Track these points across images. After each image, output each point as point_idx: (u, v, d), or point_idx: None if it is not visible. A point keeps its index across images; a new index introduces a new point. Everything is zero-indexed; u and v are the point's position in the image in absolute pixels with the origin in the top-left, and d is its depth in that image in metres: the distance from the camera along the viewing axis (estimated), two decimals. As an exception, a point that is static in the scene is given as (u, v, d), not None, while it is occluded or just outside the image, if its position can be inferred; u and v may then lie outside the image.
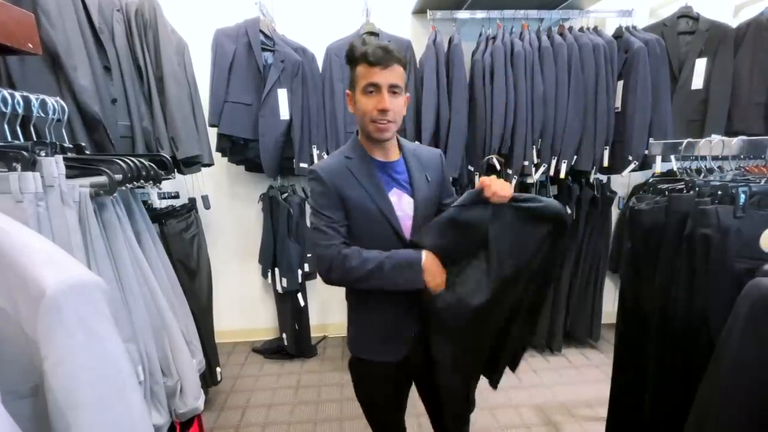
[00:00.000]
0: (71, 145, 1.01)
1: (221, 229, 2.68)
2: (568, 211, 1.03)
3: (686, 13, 2.37)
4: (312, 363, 2.57)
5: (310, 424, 1.99)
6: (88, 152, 1.07)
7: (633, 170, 2.26)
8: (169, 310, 1.04)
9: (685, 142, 1.18)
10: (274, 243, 2.43)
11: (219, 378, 2.08)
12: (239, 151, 2.30)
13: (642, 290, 1.16)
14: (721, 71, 2.29)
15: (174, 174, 1.24)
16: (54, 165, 0.74)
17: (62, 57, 1.36)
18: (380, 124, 0.97)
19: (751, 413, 0.71)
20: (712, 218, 0.94)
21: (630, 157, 2.21)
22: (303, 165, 2.28)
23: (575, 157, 2.25)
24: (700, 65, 2.32)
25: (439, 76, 2.18)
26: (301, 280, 2.44)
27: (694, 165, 1.24)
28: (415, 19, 2.54)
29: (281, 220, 2.37)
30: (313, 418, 2.03)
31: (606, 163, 2.28)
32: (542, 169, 2.24)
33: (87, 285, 0.49)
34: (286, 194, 2.41)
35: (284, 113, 2.21)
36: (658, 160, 1.35)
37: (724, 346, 0.76)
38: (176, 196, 1.74)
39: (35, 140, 0.86)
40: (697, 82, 2.33)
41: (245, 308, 2.82)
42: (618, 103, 2.27)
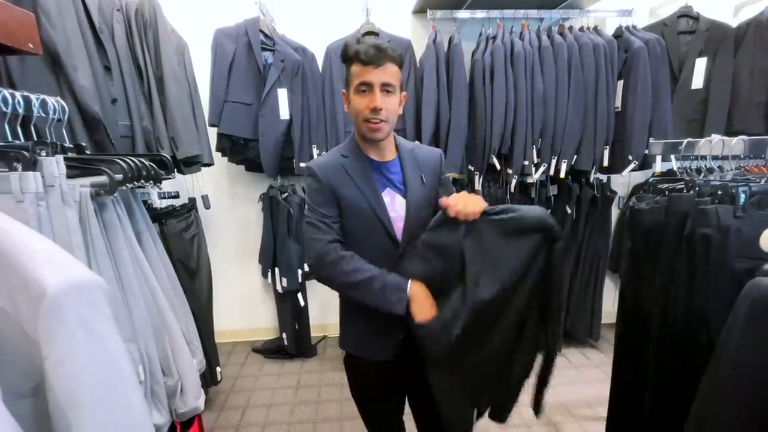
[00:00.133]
0: (71, 145, 1.01)
1: (221, 228, 2.68)
2: (550, 215, 0.95)
3: (686, 13, 2.37)
4: (312, 363, 2.57)
5: (310, 424, 1.99)
6: (88, 152, 1.08)
7: (633, 170, 2.26)
8: (170, 309, 1.04)
9: (685, 141, 1.18)
10: (274, 243, 2.43)
11: (219, 378, 2.09)
12: (239, 150, 2.30)
13: (642, 290, 1.16)
14: (721, 71, 2.29)
15: (174, 174, 1.24)
16: (55, 165, 0.74)
17: (62, 57, 1.36)
18: (372, 124, 0.97)
19: (751, 413, 0.71)
20: (712, 218, 0.94)
21: (630, 157, 2.21)
22: (303, 165, 2.27)
23: (575, 157, 2.25)
24: (700, 65, 2.32)
25: (439, 75, 2.18)
26: (301, 279, 2.44)
27: (694, 165, 1.25)
28: (415, 19, 2.54)
29: (281, 219, 2.37)
30: (313, 418, 2.03)
31: (606, 163, 2.28)
32: (542, 169, 2.24)
33: (88, 285, 0.49)
34: (286, 194, 2.41)
35: (284, 113, 2.21)
36: (658, 159, 1.35)
37: (724, 345, 0.76)
38: (176, 196, 1.74)
39: (36, 140, 0.87)
40: (697, 82, 2.34)
41: (245, 308, 2.82)
42: (618, 103, 2.27)
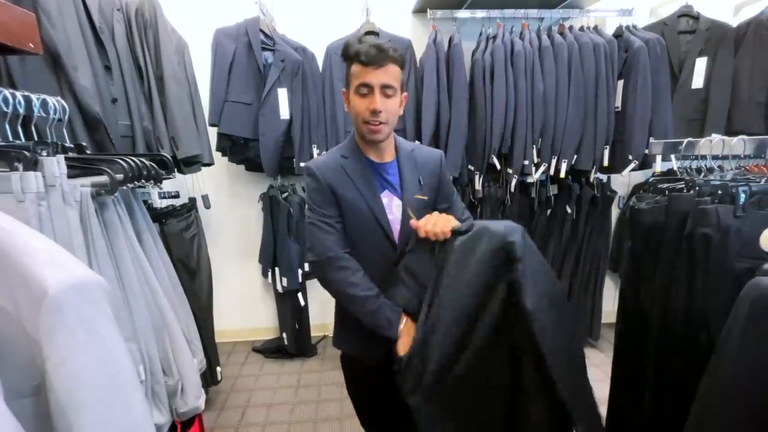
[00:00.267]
0: (72, 145, 1.01)
1: (221, 228, 2.68)
2: (518, 230, 0.86)
3: (686, 12, 2.37)
4: (312, 362, 2.57)
5: (311, 424, 1.99)
6: (89, 152, 1.08)
7: (633, 170, 2.26)
8: (170, 309, 1.04)
9: (686, 141, 1.18)
10: (275, 242, 2.43)
11: (219, 377, 2.09)
12: (239, 150, 2.30)
13: (642, 290, 1.16)
14: (722, 70, 2.28)
15: (174, 173, 1.24)
16: (55, 165, 0.74)
17: (63, 57, 1.36)
18: (372, 126, 0.96)
19: (752, 413, 0.71)
20: (712, 218, 0.93)
21: (630, 157, 2.21)
22: (303, 164, 2.27)
23: (575, 157, 2.25)
24: (701, 64, 2.32)
25: (440, 75, 2.18)
26: (301, 279, 2.44)
27: (695, 164, 1.24)
28: (415, 19, 2.54)
29: (281, 219, 2.37)
30: (314, 418, 2.04)
31: (606, 163, 2.28)
32: (542, 169, 2.24)
33: (89, 284, 0.49)
34: (287, 194, 2.41)
35: (284, 113, 2.21)
36: (659, 159, 1.35)
37: (724, 345, 0.76)
38: (176, 196, 1.74)
39: (37, 140, 0.87)
40: (698, 82, 2.33)
41: (245, 308, 2.83)
42: (618, 103, 2.27)
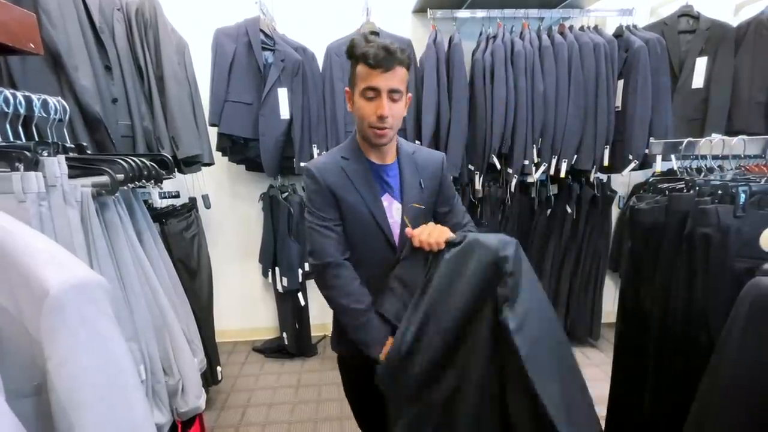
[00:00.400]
0: (73, 145, 1.01)
1: (222, 228, 2.68)
2: (512, 244, 0.81)
3: (687, 12, 2.37)
4: (312, 362, 2.57)
5: (311, 423, 2.00)
6: (89, 152, 1.08)
7: (633, 169, 2.26)
8: (171, 309, 1.04)
9: (686, 141, 1.18)
10: (275, 242, 2.43)
11: (219, 377, 2.09)
12: (239, 150, 2.30)
13: (642, 289, 1.16)
14: (722, 70, 2.28)
15: (174, 173, 1.24)
16: (56, 165, 0.74)
17: (63, 57, 1.37)
18: (378, 130, 0.95)
19: (752, 412, 0.71)
20: (712, 218, 0.94)
21: (630, 157, 2.21)
22: (303, 164, 2.26)
23: (575, 157, 2.25)
24: (701, 64, 2.32)
25: (440, 75, 2.18)
26: (301, 279, 2.44)
27: (695, 164, 1.25)
28: (415, 18, 2.54)
29: (281, 219, 2.37)
30: (314, 417, 2.04)
31: (606, 163, 2.28)
32: (542, 169, 2.24)
33: (89, 284, 0.49)
34: (287, 193, 2.41)
35: (284, 112, 2.21)
36: (659, 159, 1.35)
37: (724, 345, 0.76)
38: (177, 196, 1.74)
39: (37, 140, 0.87)
40: (698, 81, 2.33)
41: (246, 307, 2.83)
42: (618, 103, 2.27)
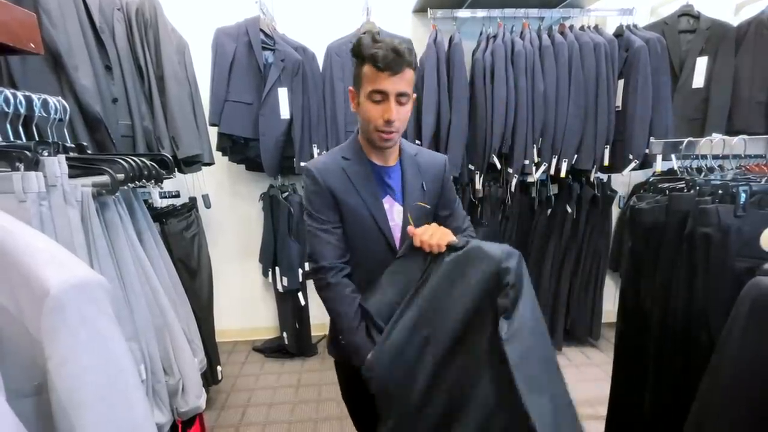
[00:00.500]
0: (73, 145, 1.01)
1: (222, 228, 2.68)
2: (515, 256, 0.78)
3: (687, 12, 2.37)
4: (312, 362, 2.57)
5: (311, 423, 2.00)
6: (89, 152, 1.08)
7: (633, 169, 2.26)
8: (171, 309, 1.04)
9: (686, 141, 1.18)
10: (275, 242, 2.43)
11: (220, 377, 2.09)
12: (240, 150, 2.31)
13: (642, 289, 1.16)
14: (722, 70, 2.28)
15: (175, 173, 1.24)
16: (57, 165, 0.74)
17: (64, 57, 1.37)
18: (384, 134, 0.94)
19: (752, 412, 0.72)
20: (712, 217, 0.94)
21: (631, 156, 2.21)
22: (303, 164, 2.27)
23: (576, 156, 2.25)
24: (701, 64, 2.32)
25: (440, 75, 2.18)
26: (301, 279, 2.44)
27: (695, 164, 1.25)
28: (415, 18, 2.53)
29: (282, 219, 2.37)
30: (314, 417, 2.04)
31: (606, 162, 2.28)
32: (543, 168, 2.24)
33: (90, 284, 0.49)
34: (287, 193, 2.41)
35: (284, 112, 2.21)
36: (659, 159, 1.35)
37: (725, 345, 0.76)
38: (177, 195, 1.74)
39: (38, 140, 0.87)
40: (698, 81, 2.33)
41: (246, 307, 2.83)
42: (619, 102, 2.27)
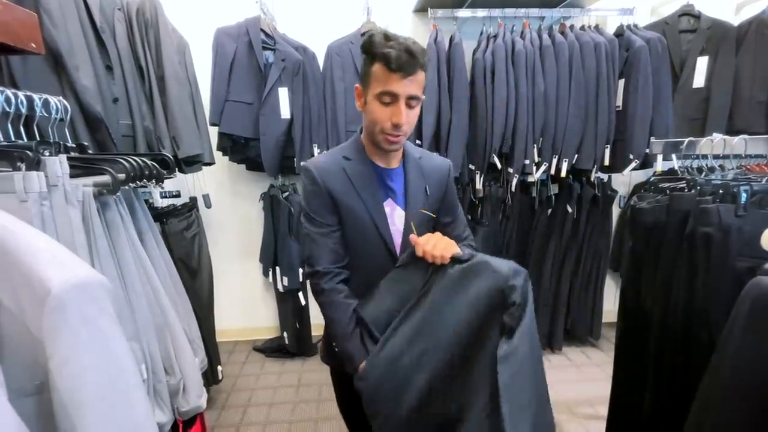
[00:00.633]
0: (74, 145, 1.01)
1: (222, 228, 2.68)
2: (521, 274, 0.79)
3: (688, 11, 2.36)
4: (313, 361, 2.57)
5: (311, 423, 2.00)
6: (90, 152, 1.08)
7: (634, 169, 2.26)
8: (172, 308, 1.04)
9: (687, 140, 1.18)
10: (275, 242, 2.43)
11: (220, 377, 2.09)
12: (240, 150, 2.31)
13: (643, 289, 1.16)
14: (723, 70, 2.28)
15: (175, 173, 1.24)
16: (58, 164, 0.74)
17: (64, 57, 1.37)
18: (391, 137, 0.90)
19: (752, 411, 0.72)
20: (713, 217, 0.94)
21: (631, 156, 2.20)
22: (303, 163, 2.27)
23: (576, 156, 2.25)
24: (702, 64, 2.32)
25: (440, 75, 2.18)
26: (302, 278, 2.44)
27: (696, 164, 1.25)
28: (416, 18, 2.53)
29: (282, 218, 2.37)
30: (314, 417, 2.04)
31: (607, 162, 2.28)
32: (543, 168, 2.24)
33: (91, 284, 0.50)
34: (287, 193, 2.41)
35: (285, 112, 2.21)
36: (659, 158, 1.35)
37: (725, 344, 0.76)
38: (177, 195, 1.74)
39: (39, 140, 0.87)
40: (699, 81, 2.33)
41: (246, 307, 2.83)
42: (619, 102, 2.27)
